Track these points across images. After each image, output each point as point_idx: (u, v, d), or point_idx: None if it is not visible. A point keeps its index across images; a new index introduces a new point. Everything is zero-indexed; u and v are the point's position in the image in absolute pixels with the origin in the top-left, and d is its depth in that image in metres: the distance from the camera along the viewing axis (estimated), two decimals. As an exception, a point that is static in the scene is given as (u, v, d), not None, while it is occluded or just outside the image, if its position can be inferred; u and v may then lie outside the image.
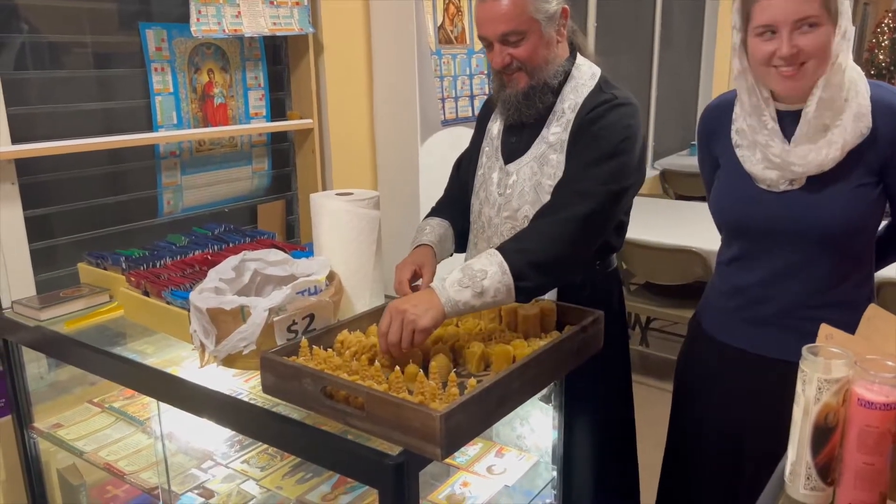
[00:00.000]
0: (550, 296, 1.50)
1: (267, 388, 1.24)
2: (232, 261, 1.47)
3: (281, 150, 2.54)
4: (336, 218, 1.50)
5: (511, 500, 1.50)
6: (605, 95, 1.50)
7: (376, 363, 1.19)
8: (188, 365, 1.43)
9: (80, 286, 1.76)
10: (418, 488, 1.09)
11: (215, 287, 1.41)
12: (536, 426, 1.57)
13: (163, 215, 2.21)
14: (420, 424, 1.03)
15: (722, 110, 1.46)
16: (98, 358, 1.46)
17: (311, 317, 1.35)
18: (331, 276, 1.47)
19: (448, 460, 1.52)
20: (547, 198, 1.48)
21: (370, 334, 1.40)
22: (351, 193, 1.56)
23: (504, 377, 1.15)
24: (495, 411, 1.15)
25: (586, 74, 1.55)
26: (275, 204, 2.54)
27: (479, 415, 1.10)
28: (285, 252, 1.71)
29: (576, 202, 1.40)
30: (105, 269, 1.73)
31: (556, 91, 1.53)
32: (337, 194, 1.55)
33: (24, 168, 1.86)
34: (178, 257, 1.74)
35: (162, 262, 1.70)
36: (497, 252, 1.31)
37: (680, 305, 3.37)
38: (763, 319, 1.43)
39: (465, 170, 1.71)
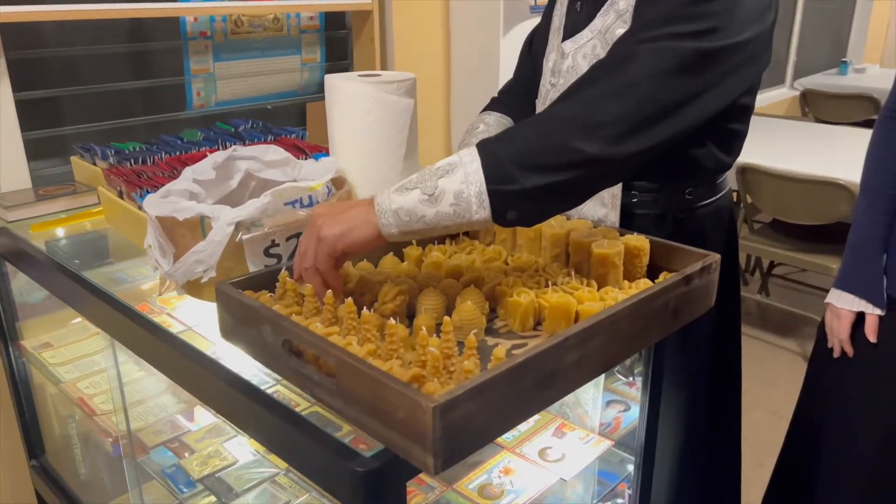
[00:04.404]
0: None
1: (225, 332, 0.89)
2: (216, 157, 1.11)
3: (337, 39, 2.15)
4: (353, 105, 1.11)
5: (568, 501, 1.12)
6: None
7: (365, 311, 0.81)
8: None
9: (68, 184, 1.47)
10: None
11: (188, 190, 1.06)
12: (610, 403, 1.17)
13: (192, 109, 1.89)
14: (405, 416, 0.66)
15: None
16: (45, 270, 1.16)
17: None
18: (338, 183, 1.09)
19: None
20: None
21: (385, 266, 1.02)
22: (378, 75, 1.15)
23: (553, 346, 0.74)
24: (535, 397, 0.75)
25: None
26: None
27: (506, 404, 0.71)
28: (305, 152, 1.35)
29: (618, 66, 0.87)
30: (94, 163, 1.43)
31: None
32: (359, 76, 1.16)
33: (15, 40, 1.56)
34: (179, 153, 1.41)
35: (155, 158, 1.37)
36: (474, 146, 0.85)
37: (812, 250, 2.80)
38: None
39: (537, 47, 1.26)
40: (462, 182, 0.81)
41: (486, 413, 0.68)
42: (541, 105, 1.18)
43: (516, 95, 1.29)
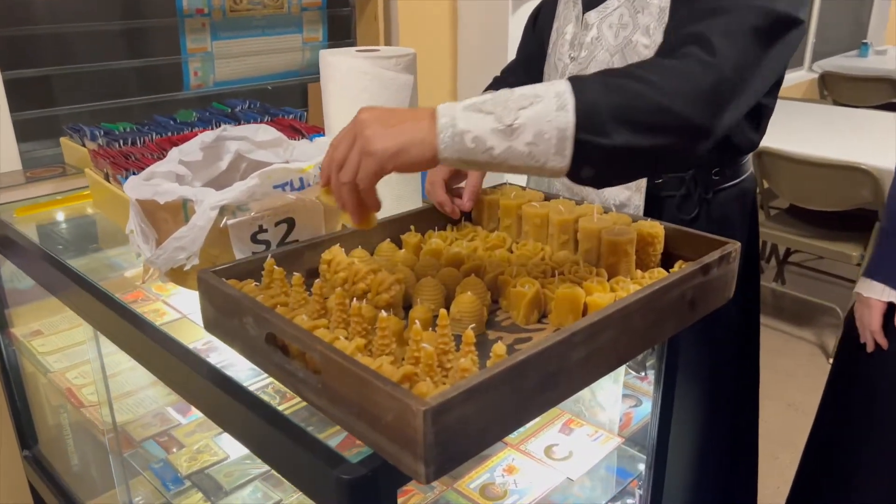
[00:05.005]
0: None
1: (208, 324, 0.84)
2: (204, 137, 1.05)
3: (340, 17, 2.08)
4: (348, 82, 1.04)
5: (575, 501, 1.06)
6: None
7: (355, 302, 0.75)
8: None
9: (57, 166, 1.42)
10: (395, 516, 0.66)
11: (174, 172, 1.00)
12: (620, 398, 1.11)
13: (189, 89, 1.83)
14: (394, 419, 0.60)
15: None
16: (26, 256, 1.11)
17: (290, 222, 0.92)
18: (332, 166, 1.03)
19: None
20: None
21: (381, 253, 0.96)
22: (376, 50, 1.09)
23: (558, 342, 0.68)
24: (538, 398, 0.69)
25: None
26: (331, 83, 2.10)
27: (506, 406, 0.65)
28: (301, 133, 1.29)
29: (707, 27, 0.78)
30: (83, 145, 1.37)
31: None
32: (356, 51, 1.09)
33: (4, 17, 1.51)
34: (171, 134, 1.35)
35: (145, 139, 1.31)
36: (566, 80, 0.73)
37: (831, 237, 2.71)
38: None
39: (543, 21, 1.18)
40: (548, 121, 0.69)
41: (484, 416, 0.62)
42: (556, 78, 1.10)
43: (519, 74, 1.22)
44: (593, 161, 0.72)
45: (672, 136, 0.74)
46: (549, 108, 0.69)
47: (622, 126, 0.70)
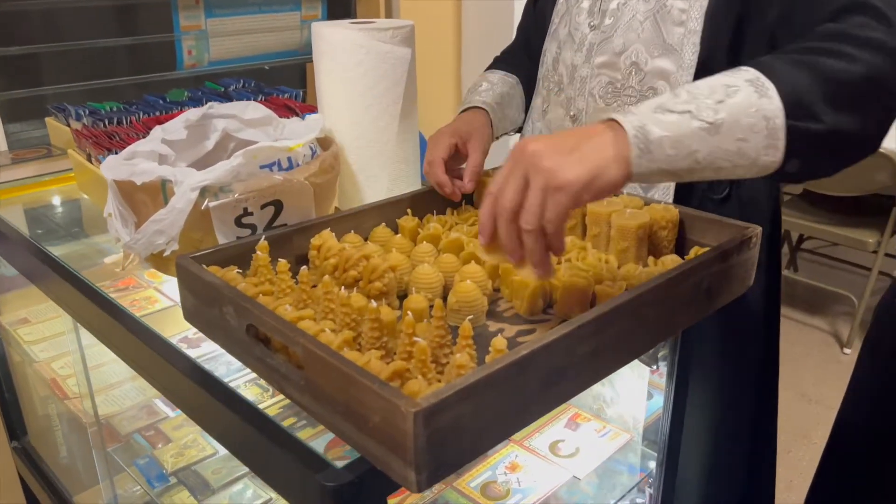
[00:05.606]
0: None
1: (188, 313, 0.78)
2: (189, 115, 0.99)
3: (340, -6, 2.01)
4: (341, 56, 0.98)
5: (581, 500, 1.01)
6: None
7: (343, 291, 0.69)
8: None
9: (42, 147, 1.36)
10: (385, 525, 0.61)
11: (156, 152, 0.94)
12: (630, 392, 1.05)
13: (183, 68, 1.77)
14: (382, 421, 0.54)
15: None
16: (2, 240, 1.05)
17: (277, 205, 0.86)
18: (324, 144, 0.97)
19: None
20: (676, 30, 0.88)
21: (375, 239, 0.90)
22: (371, 23, 1.02)
23: (563, 336, 0.62)
24: (541, 397, 0.63)
25: None
26: (330, 63, 2.03)
27: (506, 406, 0.59)
28: (295, 112, 1.23)
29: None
30: (68, 124, 1.31)
31: None
32: (350, 23, 1.02)
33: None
34: (159, 114, 1.29)
35: (131, 118, 1.25)
36: (748, 66, 0.66)
37: (846, 223, 2.63)
38: None
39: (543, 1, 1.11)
40: (754, 111, 0.62)
41: (482, 417, 0.56)
42: (571, 51, 1.02)
43: (520, 56, 1.15)
44: (802, 150, 0.65)
45: (879, 114, 0.68)
46: (749, 97, 0.62)
47: (830, 107, 0.64)
